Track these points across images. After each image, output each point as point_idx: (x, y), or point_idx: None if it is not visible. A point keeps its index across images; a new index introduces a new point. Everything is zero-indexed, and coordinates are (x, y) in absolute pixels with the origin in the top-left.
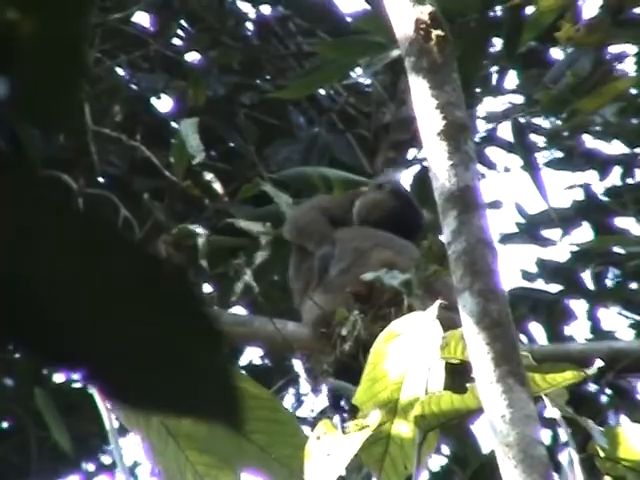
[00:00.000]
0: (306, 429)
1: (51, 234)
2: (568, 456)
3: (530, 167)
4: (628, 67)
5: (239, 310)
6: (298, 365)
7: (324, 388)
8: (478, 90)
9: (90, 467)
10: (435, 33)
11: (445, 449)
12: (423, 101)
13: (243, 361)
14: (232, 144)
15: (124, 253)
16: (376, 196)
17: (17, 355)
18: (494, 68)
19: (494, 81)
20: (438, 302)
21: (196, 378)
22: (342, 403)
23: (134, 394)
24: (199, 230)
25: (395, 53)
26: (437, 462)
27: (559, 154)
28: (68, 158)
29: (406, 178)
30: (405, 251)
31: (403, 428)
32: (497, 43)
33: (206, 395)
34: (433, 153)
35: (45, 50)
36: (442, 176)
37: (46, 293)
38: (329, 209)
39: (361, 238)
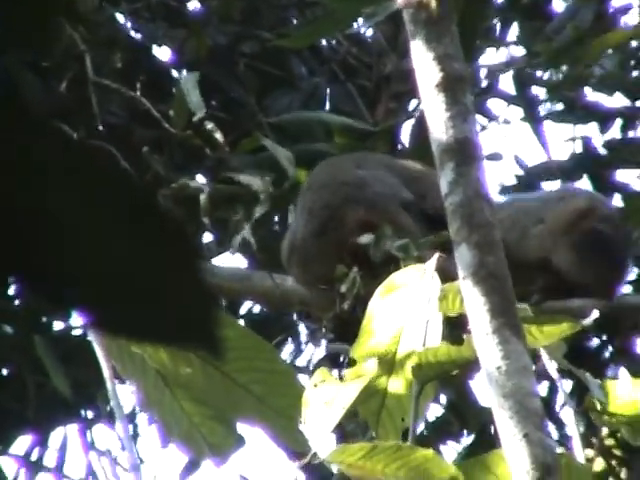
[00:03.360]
0: (304, 378)
1: (53, 168)
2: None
3: (532, 119)
4: (632, 20)
5: (238, 262)
6: (297, 316)
7: (323, 342)
8: (479, 41)
9: (89, 414)
10: None
11: (442, 398)
12: (421, 53)
13: (242, 310)
14: (232, 94)
15: (121, 186)
16: None
17: (17, 302)
18: (496, 19)
19: (497, 33)
20: (436, 255)
21: (179, 308)
22: (340, 359)
23: (121, 323)
24: (200, 185)
25: (397, 4)
26: (434, 412)
27: (559, 106)
28: (69, 109)
29: (406, 129)
30: (376, 203)
31: (400, 381)
32: None
33: (189, 324)
34: (431, 105)
35: None
36: (440, 128)
37: (45, 226)
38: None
39: (330, 187)
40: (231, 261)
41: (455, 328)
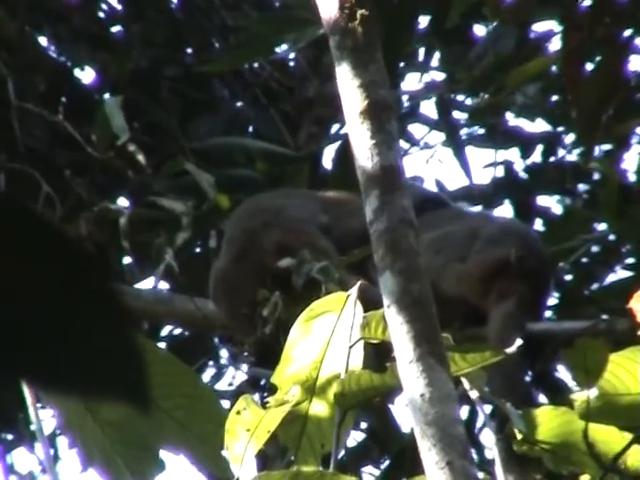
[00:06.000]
0: (225, 403)
1: None
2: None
3: (454, 144)
4: (554, 46)
5: (160, 286)
6: (218, 339)
7: (244, 366)
8: (402, 65)
9: (9, 437)
10: (360, 12)
11: (362, 425)
12: (347, 80)
13: (163, 332)
14: (155, 117)
15: (34, 230)
16: None
17: None
18: (419, 45)
19: (420, 58)
20: (359, 282)
21: (103, 360)
22: (262, 382)
23: (39, 375)
24: (121, 208)
25: (321, 30)
26: (354, 437)
27: (481, 131)
28: None
29: (329, 154)
30: (293, 226)
31: (321, 407)
32: (423, 20)
33: (113, 377)
34: (356, 132)
35: None
36: (365, 155)
37: None
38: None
39: (249, 215)
40: (153, 285)
41: (379, 356)
